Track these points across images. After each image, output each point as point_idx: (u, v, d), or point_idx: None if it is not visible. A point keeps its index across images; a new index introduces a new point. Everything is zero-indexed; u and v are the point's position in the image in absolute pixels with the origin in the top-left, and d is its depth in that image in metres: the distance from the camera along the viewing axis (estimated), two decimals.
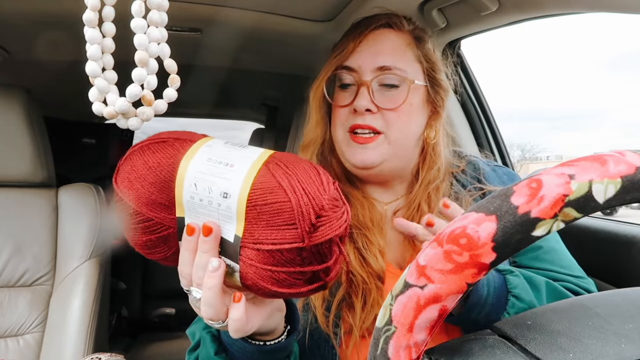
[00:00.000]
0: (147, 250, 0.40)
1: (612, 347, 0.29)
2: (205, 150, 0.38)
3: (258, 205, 0.35)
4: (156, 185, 0.38)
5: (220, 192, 0.36)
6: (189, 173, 0.37)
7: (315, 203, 0.35)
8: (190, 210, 0.37)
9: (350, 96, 0.65)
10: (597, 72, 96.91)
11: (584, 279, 0.65)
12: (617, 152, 0.30)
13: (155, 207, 0.38)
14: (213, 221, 0.37)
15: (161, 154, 0.38)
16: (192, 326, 0.61)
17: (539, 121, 67.80)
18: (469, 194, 0.69)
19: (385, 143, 0.64)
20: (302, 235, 0.35)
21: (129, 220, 0.39)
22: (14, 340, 0.99)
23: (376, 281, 0.61)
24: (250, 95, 2.16)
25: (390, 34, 0.67)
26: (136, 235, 0.40)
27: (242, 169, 0.36)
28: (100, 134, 2.12)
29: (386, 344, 0.30)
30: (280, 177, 0.36)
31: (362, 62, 0.65)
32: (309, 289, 0.37)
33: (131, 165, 0.39)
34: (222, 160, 0.37)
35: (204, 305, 0.38)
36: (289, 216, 0.35)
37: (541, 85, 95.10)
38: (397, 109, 0.64)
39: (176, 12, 1.05)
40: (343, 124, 0.66)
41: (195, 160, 0.37)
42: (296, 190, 0.35)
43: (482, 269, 0.29)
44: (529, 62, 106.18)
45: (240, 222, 0.36)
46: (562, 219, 0.28)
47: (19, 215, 1.05)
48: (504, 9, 0.91)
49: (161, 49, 0.38)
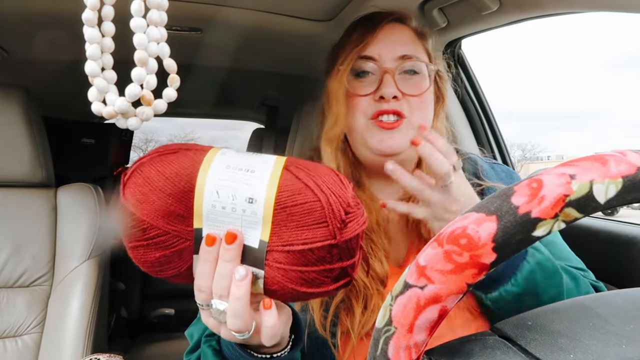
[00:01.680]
0: (159, 267, 0.39)
1: (613, 348, 0.29)
2: (220, 158, 0.38)
3: (287, 206, 0.36)
4: (175, 197, 0.37)
5: (245, 198, 0.36)
6: (210, 181, 0.36)
7: (342, 200, 0.37)
8: (209, 220, 0.37)
9: (370, 85, 0.65)
10: (599, 72, 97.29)
11: (585, 271, 0.66)
12: (619, 152, 0.30)
13: (173, 220, 0.37)
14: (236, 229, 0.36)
15: (177, 164, 0.38)
16: (191, 327, 0.61)
17: (540, 121, 68.18)
18: None
19: (410, 127, 0.64)
20: (334, 232, 0.36)
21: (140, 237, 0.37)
22: (12, 341, 0.98)
23: (378, 286, 0.61)
24: (250, 95, 2.16)
25: (402, 28, 0.69)
26: (148, 252, 0.38)
27: (265, 174, 0.37)
28: (100, 133, 2.11)
29: (386, 345, 0.30)
30: (305, 179, 0.37)
31: (381, 51, 0.65)
32: (336, 286, 0.38)
33: (144, 177, 0.37)
34: (242, 167, 0.37)
35: (231, 317, 0.37)
36: (319, 215, 0.36)
37: (542, 85, 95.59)
38: (421, 95, 0.65)
39: (176, 12, 1.05)
40: (365, 113, 0.65)
41: (214, 169, 0.37)
42: (323, 189, 0.36)
43: (483, 270, 0.29)
44: (529, 62, 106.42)
45: (266, 226, 0.36)
46: (562, 219, 0.28)
47: (17, 216, 1.05)
48: (505, 9, 0.91)
49: (161, 48, 0.38)
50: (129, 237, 0.38)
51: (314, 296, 0.38)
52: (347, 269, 0.37)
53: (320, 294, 0.38)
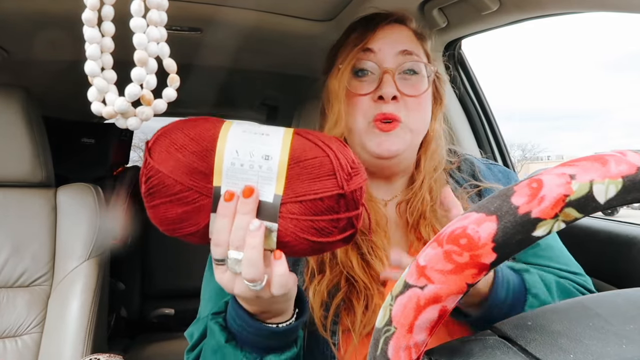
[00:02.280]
0: (178, 224, 0.42)
1: (613, 348, 0.29)
2: (237, 126, 0.42)
3: (300, 161, 0.40)
4: (198, 154, 0.40)
5: (262, 155, 0.40)
6: (230, 141, 0.41)
7: (347, 156, 0.42)
8: (228, 177, 0.40)
9: (370, 84, 0.65)
10: (599, 72, 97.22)
11: (582, 275, 0.66)
12: (619, 152, 0.30)
13: (196, 176, 0.40)
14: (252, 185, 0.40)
15: (201, 127, 0.41)
16: (191, 327, 0.61)
17: (540, 121, 68.18)
18: (465, 192, 0.69)
19: (407, 131, 0.64)
20: (342, 182, 0.40)
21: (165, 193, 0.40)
22: (12, 341, 0.98)
23: (379, 286, 0.61)
24: (250, 95, 2.15)
25: (402, 28, 0.69)
26: (170, 209, 0.41)
27: (278, 136, 0.41)
28: (99, 133, 2.11)
29: (386, 345, 0.30)
30: (314, 139, 0.42)
31: (381, 49, 0.65)
32: (343, 236, 0.42)
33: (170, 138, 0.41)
34: (257, 131, 0.42)
35: (247, 266, 0.40)
36: (328, 168, 0.40)
37: (542, 85, 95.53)
38: (419, 96, 0.65)
39: (176, 12, 1.05)
40: (365, 114, 0.65)
41: (233, 131, 0.41)
42: (331, 146, 0.41)
43: (483, 270, 0.29)
44: (530, 62, 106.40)
45: (280, 180, 0.40)
46: (562, 219, 0.28)
47: (17, 215, 1.05)
48: (505, 9, 0.91)
49: (160, 48, 0.38)
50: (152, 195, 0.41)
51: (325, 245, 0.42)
52: (353, 219, 0.42)
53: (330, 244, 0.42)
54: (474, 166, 0.73)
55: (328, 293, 0.61)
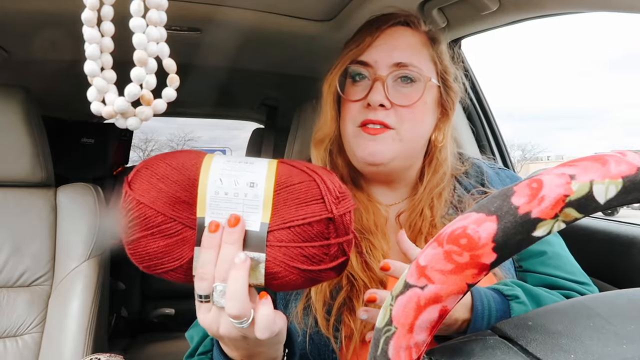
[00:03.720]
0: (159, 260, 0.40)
1: (614, 348, 0.29)
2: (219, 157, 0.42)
3: (287, 186, 0.40)
4: (180, 184, 0.39)
5: (247, 182, 0.39)
6: (213, 170, 0.40)
7: (334, 181, 0.41)
8: (212, 207, 0.39)
9: (363, 91, 0.64)
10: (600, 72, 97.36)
11: (589, 285, 0.65)
12: (619, 152, 0.30)
13: (178, 206, 0.39)
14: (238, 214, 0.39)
15: (184, 157, 0.41)
16: (191, 330, 0.61)
17: (540, 121, 68.16)
18: (472, 198, 0.68)
19: (397, 139, 0.63)
20: (331, 206, 0.39)
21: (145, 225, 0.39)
22: (12, 341, 0.98)
23: (378, 286, 0.61)
24: (250, 95, 2.15)
25: (406, 32, 0.66)
26: (151, 242, 0.39)
27: (263, 164, 0.41)
28: (99, 133, 2.11)
29: (386, 345, 0.30)
30: (300, 166, 0.41)
31: (378, 57, 0.64)
32: (334, 264, 0.40)
33: (151, 170, 0.40)
34: (241, 160, 0.41)
35: (230, 300, 0.38)
36: (316, 192, 0.39)
37: (542, 85, 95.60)
38: (411, 106, 0.63)
39: (175, 12, 1.05)
40: (354, 119, 0.64)
41: (217, 161, 0.41)
42: (317, 172, 0.41)
43: (483, 270, 0.29)
44: (530, 62, 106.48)
45: (267, 208, 0.39)
46: (562, 220, 0.28)
47: (17, 215, 1.05)
48: (505, 9, 0.91)
49: (160, 48, 0.38)
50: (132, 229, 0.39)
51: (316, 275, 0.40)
52: (343, 245, 0.41)
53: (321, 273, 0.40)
54: (482, 172, 0.72)
55: (330, 293, 0.61)
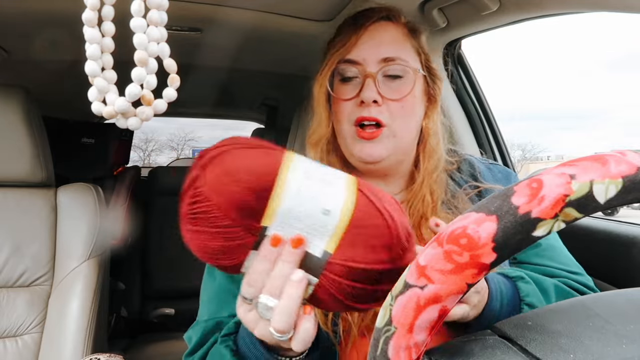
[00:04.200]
0: (214, 256, 0.39)
1: (613, 348, 0.29)
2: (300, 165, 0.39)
3: (360, 226, 0.38)
4: (254, 192, 0.37)
5: (322, 209, 0.38)
6: (290, 184, 0.38)
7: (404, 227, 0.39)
8: (280, 220, 0.38)
9: (354, 89, 0.65)
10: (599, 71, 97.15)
11: (582, 275, 0.66)
12: (618, 152, 0.30)
13: (246, 213, 0.38)
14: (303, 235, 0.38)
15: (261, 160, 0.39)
16: (190, 331, 0.61)
17: (540, 121, 68.12)
18: (465, 193, 0.68)
19: (390, 136, 0.64)
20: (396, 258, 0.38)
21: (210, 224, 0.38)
22: (12, 341, 0.98)
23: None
24: (250, 95, 2.16)
25: (389, 26, 0.67)
26: (212, 240, 0.38)
27: (341, 190, 0.39)
28: (100, 133, 2.12)
29: (386, 345, 0.30)
30: (378, 203, 0.39)
31: (365, 55, 0.64)
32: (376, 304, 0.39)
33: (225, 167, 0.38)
34: (320, 177, 0.39)
35: (280, 314, 0.38)
36: (387, 240, 0.38)
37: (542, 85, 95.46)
38: (402, 100, 0.64)
39: (176, 12, 1.05)
40: (348, 117, 0.65)
41: (294, 173, 0.39)
42: (394, 217, 0.39)
43: (483, 269, 0.29)
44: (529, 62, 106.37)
45: (334, 239, 0.38)
46: (562, 219, 0.28)
47: (17, 215, 1.05)
48: (505, 9, 0.91)
49: (161, 48, 0.38)
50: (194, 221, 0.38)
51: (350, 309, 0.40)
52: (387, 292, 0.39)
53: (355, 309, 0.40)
54: (473, 167, 0.72)
55: None
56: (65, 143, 1.91)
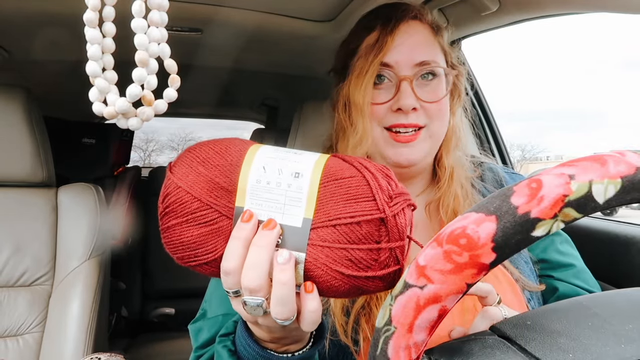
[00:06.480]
0: (193, 251, 0.37)
1: (612, 348, 0.29)
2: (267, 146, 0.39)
3: (334, 179, 0.36)
4: (221, 168, 0.37)
5: (292, 173, 0.36)
6: (258, 157, 0.37)
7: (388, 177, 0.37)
8: (252, 196, 0.36)
9: (387, 92, 0.63)
10: (599, 71, 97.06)
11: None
12: (617, 152, 0.30)
13: (217, 192, 0.36)
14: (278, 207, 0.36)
15: (229, 142, 0.39)
16: (199, 323, 0.59)
17: (540, 121, 68.12)
18: None
19: (427, 138, 0.63)
20: (383, 205, 0.35)
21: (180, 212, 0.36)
22: (13, 341, 0.99)
23: None
24: (250, 95, 2.16)
25: (418, 27, 0.65)
26: (186, 230, 0.37)
27: (312, 156, 0.38)
28: (100, 134, 2.12)
29: (386, 345, 0.30)
30: (351, 160, 0.38)
31: (399, 58, 0.63)
32: (385, 272, 0.35)
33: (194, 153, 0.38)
34: (289, 151, 0.38)
35: (277, 305, 0.35)
36: (366, 189, 0.35)
37: (541, 85, 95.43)
38: (439, 101, 0.63)
39: (176, 12, 1.05)
40: (381, 122, 0.63)
41: (263, 149, 0.38)
42: (368, 168, 0.37)
43: (482, 269, 0.29)
44: (529, 62, 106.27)
45: (311, 201, 0.35)
46: (562, 219, 0.28)
47: (18, 215, 1.05)
48: (505, 9, 0.91)
49: (161, 49, 0.38)
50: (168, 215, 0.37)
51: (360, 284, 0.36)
52: (396, 252, 0.35)
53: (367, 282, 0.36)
54: (498, 176, 0.72)
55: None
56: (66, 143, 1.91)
